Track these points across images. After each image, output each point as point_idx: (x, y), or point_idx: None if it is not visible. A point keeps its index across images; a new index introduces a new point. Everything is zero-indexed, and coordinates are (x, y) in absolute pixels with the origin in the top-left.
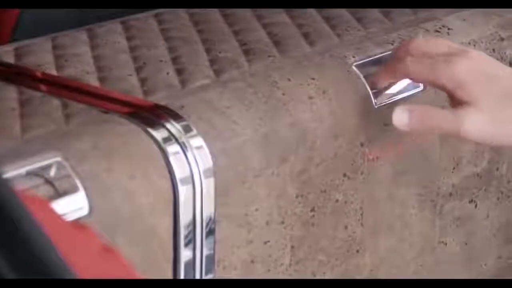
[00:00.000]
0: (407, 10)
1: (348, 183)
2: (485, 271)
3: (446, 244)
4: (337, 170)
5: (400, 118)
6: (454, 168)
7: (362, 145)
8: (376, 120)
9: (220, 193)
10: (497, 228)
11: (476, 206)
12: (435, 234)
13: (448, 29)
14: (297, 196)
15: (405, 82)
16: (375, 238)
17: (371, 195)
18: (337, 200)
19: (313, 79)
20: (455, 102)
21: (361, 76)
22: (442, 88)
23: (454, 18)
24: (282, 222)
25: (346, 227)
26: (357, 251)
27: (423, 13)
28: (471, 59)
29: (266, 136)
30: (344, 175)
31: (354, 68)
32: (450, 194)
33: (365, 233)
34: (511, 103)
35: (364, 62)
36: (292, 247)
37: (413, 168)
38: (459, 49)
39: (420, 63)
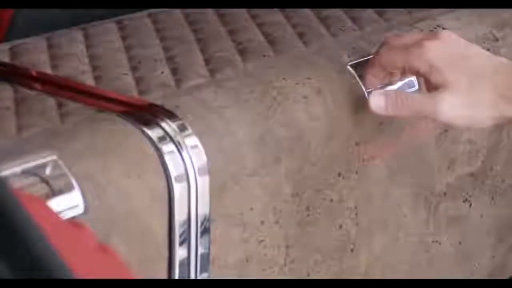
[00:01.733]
0: (402, 10)
1: (343, 183)
2: (478, 270)
3: (440, 243)
4: (332, 169)
5: (376, 102)
6: (448, 168)
7: (357, 144)
8: (371, 119)
9: (215, 192)
10: (491, 227)
11: (470, 205)
12: (429, 233)
13: (443, 28)
14: (292, 196)
15: (400, 82)
16: (370, 237)
17: (365, 194)
18: (331, 200)
19: (308, 78)
20: (431, 86)
21: (356, 75)
22: (417, 72)
23: (449, 17)
24: (277, 222)
25: (340, 226)
26: (352, 250)
27: (418, 13)
28: (441, 40)
29: (261, 136)
30: (339, 174)
31: (348, 68)
32: (445, 194)
33: (359, 233)
34: (481, 84)
35: (358, 62)
36: (287, 246)
37: (408, 167)
38: (430, 34)
39: (393, 51)
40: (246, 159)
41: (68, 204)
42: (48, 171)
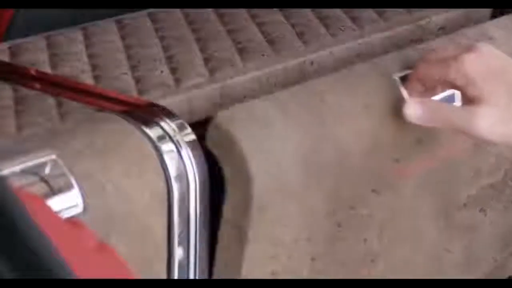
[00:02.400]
0: (402, 10)
1: (374, 198)
2: (477, 270)
3: (452, 252)
4: (367, 185)
5: (412, 110)
6: (474, 180)
7: (396, 161)
8: (411, 135)
9: (253, 209)
10: (499, 233)
11: (485, 214)
12: (442, 242)
13: (489, 38)
14: (327, 213)
15: (440, 95)
16: (391, 249)
17: (392, 209)
18: (362, 215)
19: (355, 91)
20: (468, 99)
21: (402, 89)
22: (454, 86)
23: (494, 26)
24: (309, 239)
25: (365, 240)
26: (372, 261)
27: (418, 12)
28: (479, 54)
29: (305, 152)
30: (373, 190)
31: (395, 78)
32: (464, 205)
33: (382, 246)
34: None
35: (406, 75)
36: (313, 259)
37: (436, 180)
38: (468, 45)
39: (431, 65)
40: (287, 174)
41: (67, 203)
42: (47, 170)
